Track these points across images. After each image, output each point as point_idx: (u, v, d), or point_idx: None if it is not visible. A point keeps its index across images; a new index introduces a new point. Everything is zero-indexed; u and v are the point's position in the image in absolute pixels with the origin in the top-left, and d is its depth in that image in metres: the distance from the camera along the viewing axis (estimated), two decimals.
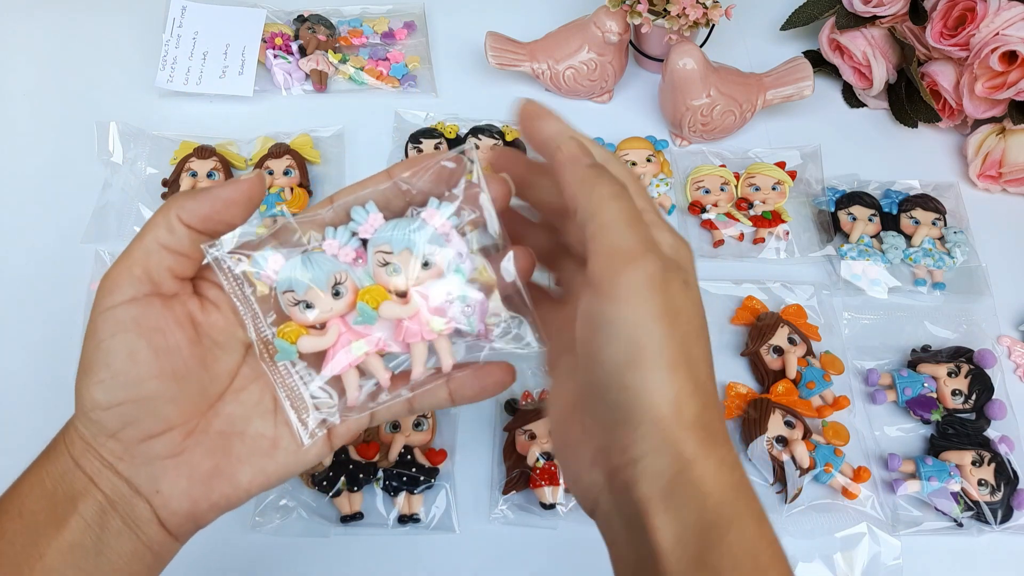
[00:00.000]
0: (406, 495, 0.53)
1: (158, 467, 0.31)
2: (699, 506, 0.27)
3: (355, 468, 0.52)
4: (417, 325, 0.32)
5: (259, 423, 0.33)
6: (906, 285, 0.64)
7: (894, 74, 0.74)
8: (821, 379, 0.57)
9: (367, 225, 0.32)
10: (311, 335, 0.32)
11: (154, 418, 0.31)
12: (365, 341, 0.33)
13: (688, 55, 0.67)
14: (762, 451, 0.54)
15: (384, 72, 0.76)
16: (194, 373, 0.31)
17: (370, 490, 0.53)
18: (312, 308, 0.32)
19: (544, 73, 0.73)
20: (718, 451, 0.28)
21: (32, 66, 0.77)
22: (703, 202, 0.67)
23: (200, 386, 0.32)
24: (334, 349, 0.33)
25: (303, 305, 0.32)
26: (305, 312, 0.32)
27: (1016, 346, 0.61)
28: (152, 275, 0.30)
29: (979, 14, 0.66)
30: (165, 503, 0.31)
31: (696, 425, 0.28)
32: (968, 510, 0.53)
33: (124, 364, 0.30)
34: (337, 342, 0.33)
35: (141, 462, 0.31)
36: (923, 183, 0.70)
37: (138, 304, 0.30)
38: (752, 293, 0.62)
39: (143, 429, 0.30)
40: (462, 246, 0.33)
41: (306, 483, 0.52)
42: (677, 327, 0.28)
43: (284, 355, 0.32)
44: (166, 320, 0.30)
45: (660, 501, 0.28)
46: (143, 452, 0.30)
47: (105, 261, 0.61)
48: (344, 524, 0.52)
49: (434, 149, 0.69)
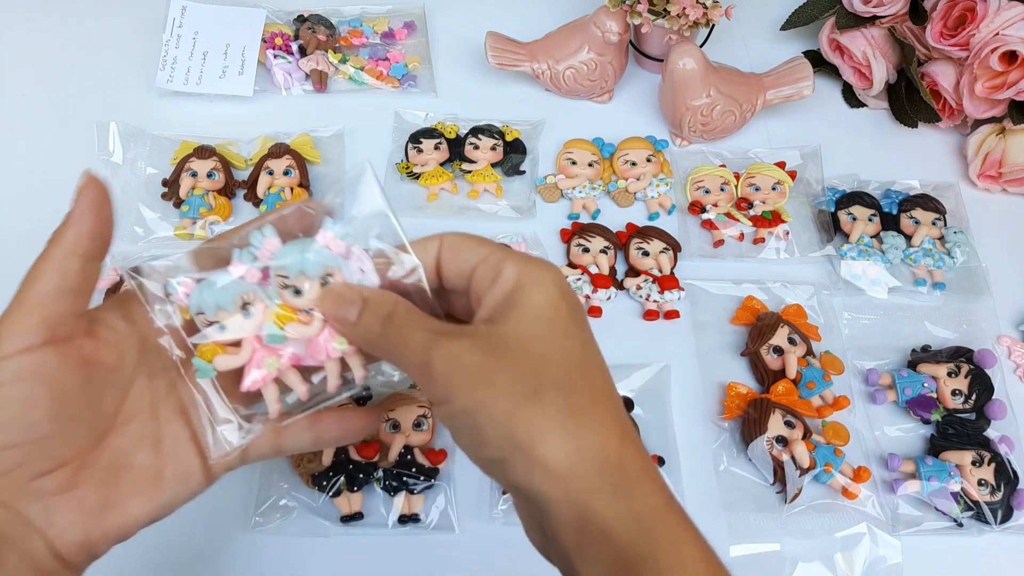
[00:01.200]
0: (406, 495, 0.53)
1: (50, 502, 0.31)
2: (608, 554, 0.27)
3: (355, 468, 0.52)
4: (317, 346, 0.34)
5: (144, 455, 0.34)
6: (906, 285, 0.64)
7: (894, 74, 0.74)
8: (821, 379, 0.57)
9: (264, 250, 0.34)
10: (228, 353, 0.34)
11: (46, 457, 0.31)
12: (276, 357, 0.34)
13: (688, 55, 0.67)
14: (762, 451, 0.54)
15: (384, 72, 0.76)
16: (87, 412, 0.32)
17: (370, 490, 0.53)
18: (224, 328, 0.33)
19: (544, 73, 0.73)
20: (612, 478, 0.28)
21: (32, 66, 0.77)
22: (703, 202, 0.67)
23: (91, 423, 0.33)
24: (249, 365, 0.34)
25: (218, 326, 0.33)
26: (219, 332, 0.33)
27: (1016, 346, 0.61)
28: (48, 322, 0.31)
29: (979, 14, 0.66)
30: (60, 535, 0.32)
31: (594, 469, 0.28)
32: (968, 510, 0.53)
33: (21, 410, 0.30)
34: (252, 359, 0.34)
35: (34, 498, 0.31)
36: (923, 183, 0.70)
37: (35, 353, 0.30)
38: (752, 293, 0.62)
39: (35, 468, 0.31)
40: (365, 262, 0.34)
41: (306, 483, 0.52)
42: (518, 373, 0.29)
43: (203, 373, 0.33)
44: (62, 366, 0.31)
45: (576, 551, 0.28)
46: (35, 489, 0.31)
47: (105, 261, 0.61)
48: (344, 524, 0.52)
49: (434, 149, 0.69)
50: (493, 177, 0.68)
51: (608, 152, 0.71)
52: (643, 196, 0.69)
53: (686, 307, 0.62)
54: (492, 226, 0.66)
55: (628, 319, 0.62)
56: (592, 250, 0.64)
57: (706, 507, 0.53)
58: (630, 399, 0.57)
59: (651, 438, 0.56)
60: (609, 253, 0.64)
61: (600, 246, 0.64)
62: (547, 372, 0.29)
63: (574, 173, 0.69)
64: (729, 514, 0.53)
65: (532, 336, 0.30)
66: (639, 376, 0.58)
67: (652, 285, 0.62)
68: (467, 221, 0.67)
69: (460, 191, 0.68)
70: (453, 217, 0.67)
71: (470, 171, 0.68)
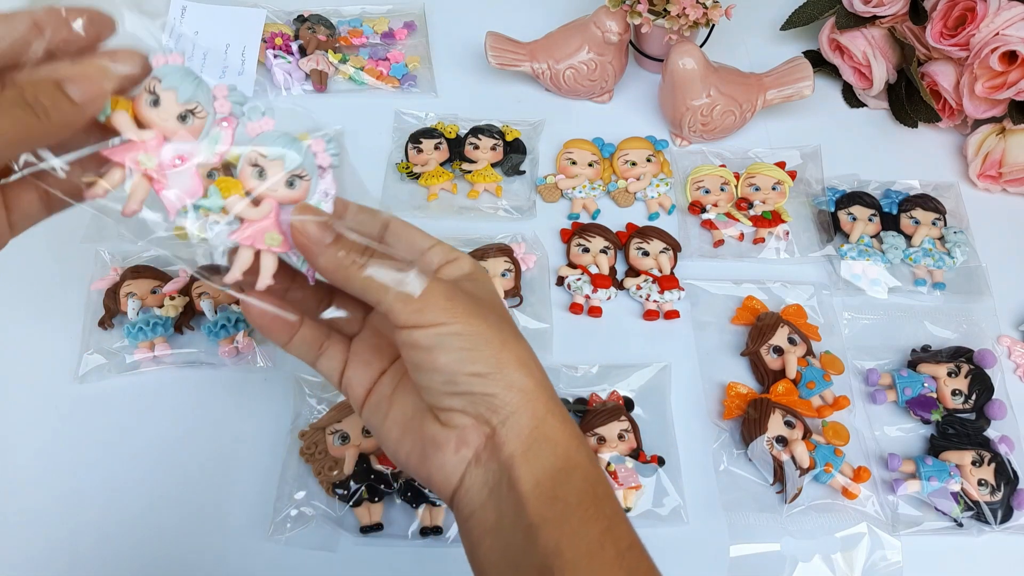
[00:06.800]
0: (427, 506, 0.52)
1: None
2: (552, 453, 0.35)
3: (376, 478, 0.52)
4: (253, 231, 0.34)
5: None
6: (906, 285, 0.64)
7: (894, 74, 0.74)
8: (821, 379, 0.57)
9: (256, 124, 0.35)
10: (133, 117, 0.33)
11: None
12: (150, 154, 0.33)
13: (688, 55, 0.67)
14: (762, 451, 0.54)
15: (384, 72, 0.76)
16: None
17: (391, 501, 0.52)
18: (157, 107, 0.33)
19: (544, 73, 0.73)
20: (559, 408, 0.36)
21: None
22: (703, 202, 0.67)
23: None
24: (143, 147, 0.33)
25: (152, 99, 0.33)
26: (150, 107, 0.33)
27: (1016, 346, 0.61)
28: None
29: (979, 14, 0.66)
30: None
31: (541, 386, 0.36)
32: (968, 510, 0.53)
33: None
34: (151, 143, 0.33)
35: None
36: (923, 183, 0.70)
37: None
38: (752, 293, 0.62)
39: None
40: (331, 187, 0.35)
41: (327, 492, 0.52)
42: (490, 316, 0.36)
43: (102, 114, 0.33)
44: None
45: (522, 455, 0.35)
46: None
47: (105, 261, 0.61)
48: (364, 535, 0.51)
49: (434, 149, 0.69)
50: (493, 177, 0.68)
51: (608, 152, 0.71)
52: (643, 196, 0.69)
53: (686, 307, 0.62)
54: (492, 226, 0.66)
55: (628, 319, 0.62)
56: (592, 250, 0.64)
57: (706, 507, 0.53)
58: (630, 399, 0.57)
59: (651, 438, 0.56)
60: (609, 253, 0.64)
61: (600, 246, 0.64)
62: (508, 326, 0.37)
63: (574, 173, 0.69)
64: (729, 514, 0.53)
65: (492, 304, 0.38)
66: (639, 376, 0.58)
67: (652, 285, 0.62)
68: (467, 221, 0.67)
69: (460, 191, 0.68)
70: (453, 217, 0.67)
71: (470, 171, 0.68)
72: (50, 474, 0.53)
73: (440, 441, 0.36)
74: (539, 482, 0.34)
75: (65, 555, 0.51)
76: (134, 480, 0.53)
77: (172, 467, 0.54)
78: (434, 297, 0.34)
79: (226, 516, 0.52)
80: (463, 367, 0.35)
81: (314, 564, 0.51)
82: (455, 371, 0.35)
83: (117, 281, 0.60)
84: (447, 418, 0.36)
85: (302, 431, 0.54)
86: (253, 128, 0.35)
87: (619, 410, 0.55)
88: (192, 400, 0.57)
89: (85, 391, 0.56)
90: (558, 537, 0.33)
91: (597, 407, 0.56)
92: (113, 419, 0.56)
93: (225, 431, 0.55)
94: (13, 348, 0.59)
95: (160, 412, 0.56)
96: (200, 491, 0.53)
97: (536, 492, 0.34)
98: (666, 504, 0.53)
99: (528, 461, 0.35)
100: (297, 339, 0.39)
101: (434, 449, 0.36)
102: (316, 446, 0.53)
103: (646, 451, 0.55)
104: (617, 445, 0.54)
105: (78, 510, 0.52)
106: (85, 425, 0.55)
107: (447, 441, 0.36)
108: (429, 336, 0.34)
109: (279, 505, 0.52)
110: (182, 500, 0.53)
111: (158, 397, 0.57)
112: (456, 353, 0.35)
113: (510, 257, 0.62)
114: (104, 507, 0.52)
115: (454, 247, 0.39)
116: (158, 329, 0.57)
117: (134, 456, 0.54)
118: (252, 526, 0.52)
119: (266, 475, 0.53)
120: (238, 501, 0.53)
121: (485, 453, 0.35)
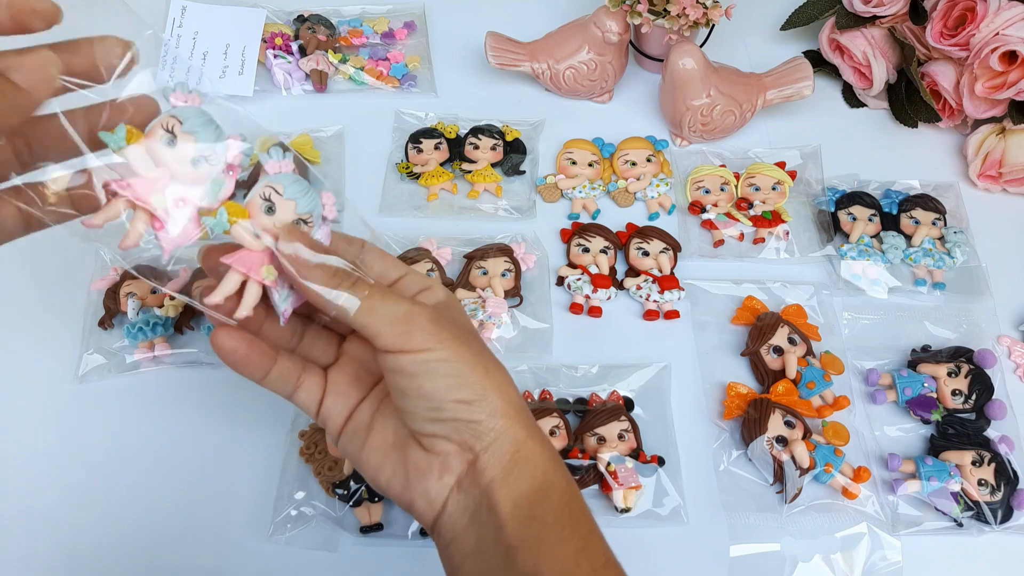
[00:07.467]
0: None
1: None
2: (530, 475, 0.36)
3: None
4: (250, 259, 0.34)
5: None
6: (906, 285, 0.64)
7: (894, 74, 0.74)
8: (821, 379, 0.57)
9: (274, 163, 0.35)
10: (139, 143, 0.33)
11: None
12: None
13: (688, 55, 0.67)
14: (762, 451, 0.54)
15: (384, 72, 0.76)
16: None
17: (391, 501, 0.51)
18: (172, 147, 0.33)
19: (544, 73, 0.73)
20: (538, 431, 0.37)
21: None
22: (703, 202, 0.67)
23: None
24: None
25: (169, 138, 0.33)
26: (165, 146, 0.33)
27: (1016, 346, 0.61)
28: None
29: (979, 14, 0.66)
30: None
31: (521, 411, 0.37)
32: (968, 510, 0.53)
33: None
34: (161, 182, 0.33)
35: None
36: (923, 183, 0.70)
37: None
38: (752, 293, 0.62)
39: None
40: (325, 239, 0.36)
41: (327, 492, 0.52)
42: (473, 344, 0.37)
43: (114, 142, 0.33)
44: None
45: (502, 479, 0.35)
46: None
47: (105, 261, 0.61)
48: (364, 535, 0.51)
49: (434, 149, 0.69)
50: (493, 177, 0.68)
51: (608, 152, 0.71)
52: (643, 196, 0.69)
53: (686, 307, 0.62)
54: (492, 226, 0.66)
55: (628, 319, 0.62)
56: (592, 250, 0.64)
57: (706, 507, 0.53)
58: (630, 399, 0.57)
59: (651, 438, 0.56)
60: (609, 253, 0.64)
61: (600, 246, 0.64)
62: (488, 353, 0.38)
63: (574, 173, 0.69)
64: (729, 514, 0.53)
65: (471, 330, 0.39)
66: (639, 376, 0.58)
67: (652, 285, 0.62)
68: (467, 221, 0.67)
69: (460, 191, 0.68)
70: (453, 217, 0.67)
71: (470, 171, 0.68)
72: (50, 474, 0.53)
73: (423, 468, 0.36)
74: (517, 503, 0.35)
75: (65, 555, 0.51)
76: (134, 480, 0.53)
77: (172, 467, 0.54)
78: (420, 321, 0.35)
79: (226, 516, 0.52)
80: (449, 394, 0.35)
81: (314, 564, 0.51)
82: (441, 398, 0.35)
83: (117, 281, 0.60)
84: (430, 444, 0.36)
85: (302, 431, 0.54)
86: (273, 166, 0.35)
87: (619, 410, 0.55)
88: (192, 400, 0.57)
89: (85, 391, 0.57)
90: (536, 557, 0.34)
91: (597, 407, 0.56)
92: (113, 419, 0.56)
93: (225, 431, 0.55)
94: (13, 348, 0.59)
95: (160, 412, 0.56)
96: (200, 491, 0.53)
97: (515, 514, 0.35)
98: (666, 504, 0.53)
99: (507, 485, 0.35)
100: (274, 374, 0.38)
101: (417, 476, 0.36)
102: (316, 446, 0.53)
103: (646, 451, 0.55)
104: (617, 445, 0.54)
105: (78, 510, 0.52)
106: (85, 425, 0.55)
107: (430, 467, 0.36)
108: (416, 362, 0.35)
109: (279, 505, 0.52)
110: (182, 500, 0.53)
111: (158, 397, 0.57)
112: (443, 380, 0.35)
113: (510, 257, 0.62)
114: (104, 507, 0.52)
115: (426, 276, 0.41)
116: (158, 329, 0.57)
117: (134, 456, 0.54)
118: (252, 526, 0.52)
119: (266, 475, 0.53)
120: (238, 501, 0.53)
121: (467, 479, 0.36)
